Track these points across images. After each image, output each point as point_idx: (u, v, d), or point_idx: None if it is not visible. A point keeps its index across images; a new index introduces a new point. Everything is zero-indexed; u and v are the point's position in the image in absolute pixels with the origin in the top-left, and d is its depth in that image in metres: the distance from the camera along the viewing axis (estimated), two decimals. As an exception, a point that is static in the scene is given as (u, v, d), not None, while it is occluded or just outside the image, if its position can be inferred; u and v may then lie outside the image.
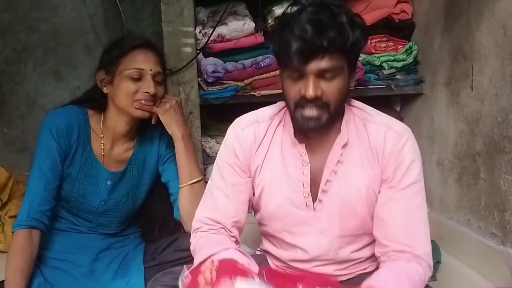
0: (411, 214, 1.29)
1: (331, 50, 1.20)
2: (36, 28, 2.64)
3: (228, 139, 1.44)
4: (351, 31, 1.22)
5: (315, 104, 1.24)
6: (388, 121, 1.37)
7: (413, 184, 1.30)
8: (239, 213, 1.41)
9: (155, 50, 1.72)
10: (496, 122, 1.89)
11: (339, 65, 1.24)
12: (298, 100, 1.26)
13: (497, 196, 1.91)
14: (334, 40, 1.19)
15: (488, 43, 1.93)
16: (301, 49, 1.19)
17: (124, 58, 1.66)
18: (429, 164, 2.40)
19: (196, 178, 1.74)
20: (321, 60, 1.21)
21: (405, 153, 1.31)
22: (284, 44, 1.23)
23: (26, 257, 1.56)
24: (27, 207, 1.61)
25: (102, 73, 1.70)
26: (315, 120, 1.26)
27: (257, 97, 2.33)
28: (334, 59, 1.22)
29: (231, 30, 2.31)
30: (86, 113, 1.74)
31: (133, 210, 1.83)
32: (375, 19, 2.44)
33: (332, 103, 1.26)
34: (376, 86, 2.45)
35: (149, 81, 1.65)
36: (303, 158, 1.36)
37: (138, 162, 1.79)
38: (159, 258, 1.72)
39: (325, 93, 1.24)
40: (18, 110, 2.71)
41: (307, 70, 1.22)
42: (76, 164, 1.70)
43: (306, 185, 1.36)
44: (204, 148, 2.44)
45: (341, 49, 1.22)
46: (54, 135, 1.65)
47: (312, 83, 1.22)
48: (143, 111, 1.67)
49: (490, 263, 1.92)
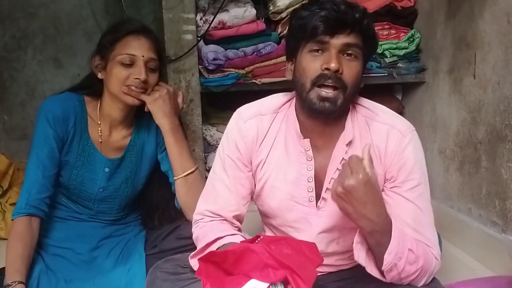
0: (417, 215, 1.28)
1: (356, 29, 1.23)
2: (35, 15, 2.63)
3: (230, 132, 1.41)
4: (373, 24, 1.29)
5: (334, 81, 1.23)
6: (391, 119, 1.34)
7: (418, 185, 1.29)
8: (240, 207, 1.40)
9: (149, 37, 1.69)
10: (499, 110, 1.89)
11: (360, 46, 1.26)
12: (317, 77, 1.24)
13: (498, 185, 1.91)
14: (363, 19, 1.24)
15: (492, 31, 1.91)
16: (331, 17, 1.21)
17: (118, 44, 1.65)
18: (430, 152, 2.40)
19: (189, 170, 1.71)
20: (348, 35, 1.23)
21: (408, 153, 1.30)
22: (310, 15, 1.24)
23: (26, 244, 1.56)
24: (25, 195, 1.61)
25: (97, 59, 1.69)
26: (331, 102, 1.24)
27: (258, 85, 2.32)
28: (358, 38, 1.25)
29: (232, 17, 2.29)
30: (83, 99, 1.73)
31: (133, 197, 1.82)
32: (377, 6, 2.43)
33: (349, 86, 1.25)
34: (378, 74, 2.44)
35: (141, 67, 1.63)
36: (307, 153, 1.34)
37: (137, 148, 1.78)
38: (160, 245, 1.72)
39: (345, 72, 1.24)
40: (18, 97, 2.71)
41: (332, 43, 1.23)
42: (73, 151, 1.69)
43: (311, 180, 1.35)
44: (205, 136, 2.43)
45: (364, 33, 1.25)
46: (51, 122, 1.64)
47: (335, 57, 1.23)
48: (133, 98, 1.65)
49: (491, 252, 1.92)
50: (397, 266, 1.17)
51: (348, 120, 1.34)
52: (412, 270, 1.20)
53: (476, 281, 1.66)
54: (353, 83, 1.26)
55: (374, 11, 2.42)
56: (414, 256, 1.19)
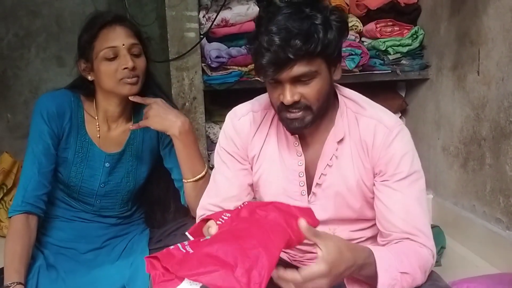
0: (409, 206, 1.28)
1: (300, 58, 1.19)
2: (38, 13, 2.63)
3: (226, 129, 1.46)
4: (323, 33, 1.20)
5: (296, 107, 1.25)
6: (379, 114, 1.34)
7: (407, 176, 1.29)
8: (242, 196, 1.42)
9: (124, 24, 1.66)
10: (503, 107, 1.88)
11: (312, 69, 1.22)
12: (279, 105, 1.27)
13: (503, 182, 1.90)
14: (301, 49, 1.18)
15: (496, 27, 1.91)
16: (270, 60, 1.19)
17: (96, 41, 1.62)
18: (434, 149, 2.39)
19: (199, 174, 1.69)
20: (291, 69, 1.20)
21: (395, 147, 1.30)
22: (255, 55, 1.24)
23: (24, 242, 1.55)
24: (21, 192, 1.60)
25: (82, 62, 1.67)
26: (299, 121, 1.27)
27: (261, 82, 2.29)
28: (306, 65, 1.20)
29: (235, 15, 2.29)
30: (78, 96, 1.72)
31: (135, 191, 1.81)
32: (381, 3, 2.42)
33: (313, 104, 1.26)
34: (381, 72, 2.44)
35: (125, 55, 1.61)
36: (296, 148, 1.37)
37: (137, 142, 1.77)
38: (165, 240, 1.72)
39: (304, 96, 1.24)
40: (21, 95, 2.71)
41: (282, 78, 1.23)
42: (71, 148, 1.69)
43: (302, 175, 1.37)
44: (208, 134, 2.43)
45: (311, 54, 1.20)
46: (46, 119, 1.63)
47: (288, 90, 1.23)
48: (130, 86, 1.62)
49: (495, 249, 1.91)
50: None
51: (338, 116, 1.35)
52: (412, 285, 1.20)
53: (480, 278, 1.65)
54: (316, 100, 1.25)
55: (377, 7, 2.41)
56: (410, 275, 1.19)
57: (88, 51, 1.63)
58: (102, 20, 1.65)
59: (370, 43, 2.47)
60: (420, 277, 1.22)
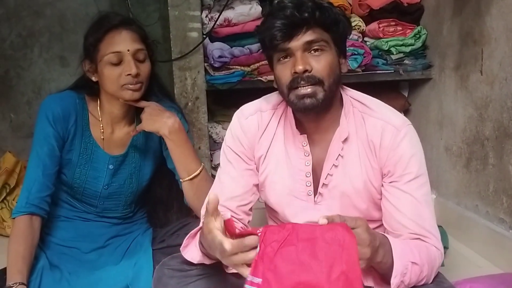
0: (418, 208, 1.29)
1: (312, 24, 1.23)
2: (41, 13, 2.64)
3: (233, 128, 1.44)
4: (331, 10, 1.27)
5: (307, 81, 1.25)
6: (387, 114, 1.34)
7: (415, 177, 1.29)
8: (246, 196, 1.41)
9: (131, 28, 1.65)
10: (506, 107, 1.88)
11: (324, 38, 1.26)
12: (291, 82, 1.26)
13: (506, 182, 1.90)
14: (314, 13, 1.23)
15: (499, 27, 1.90)
16: (283, 24, 1.22)
17: (101, 44, 1.62)
18: (437, 149, 2.39)
19: (194, 173, 1.69)
20: (304, 34, 1.24)
21: (404, 148, 1.30)
22: (268, 27, 1.25)
23: (27, 243, 1.56)
24: (25, 194, 1.61)
25: (87, 63, 1.67)
26: (311, 97, 1.25)
27: (264, 82, 2.32)
28: (317, 32, 1.25)
29: (238, 14, 2.29)
30: (83, 97, 1.72)
31: (138, 192, 1.82)
32: (383, 3, 2.42)
33: (325, 79, 1.26)
34: (384, 71, 2.44)
35: (129, 61, 1.60)
36: (304, 148, 1.36)
37: (140, 144, 1.77)
38: (168, 240, 1.72)
39: (315, 68, 1.25)
40: (24, 96, 2.71)
41: (293, 47, 1.24)
42: (75, 150, 1.69)
43: (309, 175, 1.36)
44: (211, 134, 2.43)
45: (323, 24, 1.25)
46: (51, 121, 1.63)
47: (300, 58, 1.24)
48: (132, 92, 1.62)
49: (498, 249, 1.91)
50: (403, 281, 1.17)
51: (343, 116, 1.35)
52: (419, 279, 1.21)
53: (483, 278, 1.65)
54: (327, 75, 1.26)
55: (380, 7, 2.41)
56: (419, 267, 1.20)
57: (93, 53, 1.63)
58: (109, 23, 1.64)
59: (373, 43, 2.46)
60: (427, 272, 1.22)
